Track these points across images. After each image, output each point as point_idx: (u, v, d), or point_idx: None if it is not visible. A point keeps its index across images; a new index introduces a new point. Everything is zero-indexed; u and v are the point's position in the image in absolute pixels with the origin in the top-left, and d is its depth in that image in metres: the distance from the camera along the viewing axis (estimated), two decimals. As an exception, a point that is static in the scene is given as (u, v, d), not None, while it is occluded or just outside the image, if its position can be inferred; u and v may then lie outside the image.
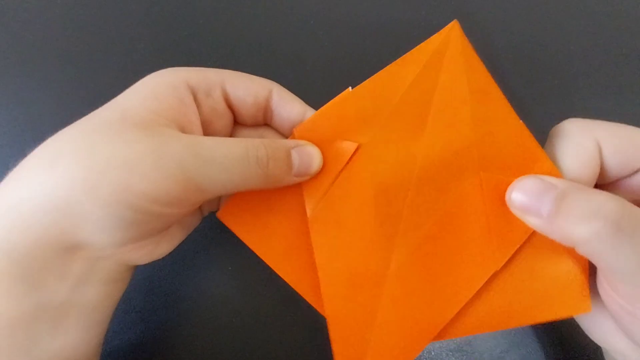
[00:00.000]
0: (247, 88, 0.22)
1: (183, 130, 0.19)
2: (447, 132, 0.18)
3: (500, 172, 0.18)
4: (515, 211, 0.17)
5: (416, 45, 0.32)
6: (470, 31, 0.36)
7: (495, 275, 0.18)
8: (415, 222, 0.18)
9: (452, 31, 0.20)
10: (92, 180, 0.15)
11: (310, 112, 0.23)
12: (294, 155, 0.19)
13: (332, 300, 0.18)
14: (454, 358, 0.28)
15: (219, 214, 0.21)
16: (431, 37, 0.19)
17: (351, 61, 0.34)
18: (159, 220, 0.18)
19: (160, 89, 0.19)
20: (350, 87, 0.20)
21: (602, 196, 0.16)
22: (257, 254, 0.20)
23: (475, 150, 0.18)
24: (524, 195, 0.17)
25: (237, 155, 0.17)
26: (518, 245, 0.17)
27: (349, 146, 0.19)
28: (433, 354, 0.28)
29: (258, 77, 0.23)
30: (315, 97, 0.33)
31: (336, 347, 0.18)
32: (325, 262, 0.19)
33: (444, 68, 0.19)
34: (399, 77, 0.19)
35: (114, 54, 0.34)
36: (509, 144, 0.19)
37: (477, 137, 0.18)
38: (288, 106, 0.22)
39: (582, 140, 0.18)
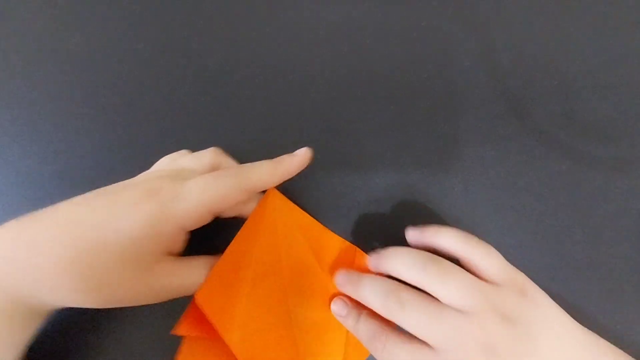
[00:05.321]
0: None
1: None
2: (297, 262, 0.26)
3: (333, 271, 0.27)
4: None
5: (417, 46, 0.33)
6: (471, 31, 0.37)
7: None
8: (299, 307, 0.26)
9: (273, 195, 0.26)
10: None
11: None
12: None
13: None
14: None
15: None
16: (259, 203, 0.26)
17: (352, 62, 0.34)
18: None
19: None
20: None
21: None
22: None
23: (316, 261, 0.27)
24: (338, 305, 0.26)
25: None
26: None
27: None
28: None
29: None
30: (314, 97, 0.33)
31: None
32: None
33: (278, 221, 0.26)
34: (249, 238, 0.25)
35: (114, 54, 0.34)
36: (334, 252, 0.28)
37: (318, 258, 0.27)
38: None
39: None
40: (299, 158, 0.26)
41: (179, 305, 0.24)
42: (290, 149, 0.26)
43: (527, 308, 0.23)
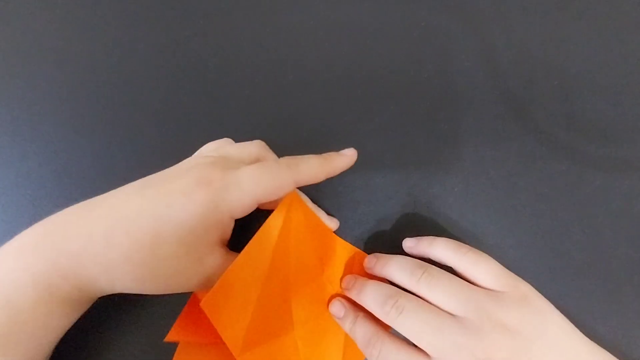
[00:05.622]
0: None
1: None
2: (303, 265, 0.26)
3: (336, 275, 0.28)
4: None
5: (417, 46, 0.33)
6: (471, 31, 0.37)
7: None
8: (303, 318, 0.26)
9: (294, 198, 0.25)
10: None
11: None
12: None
13: None
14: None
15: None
16: (279, 206, 0.24)
17: (352, 62, 0.34)
18: None
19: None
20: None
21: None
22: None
23: (320, 264, 0.27)
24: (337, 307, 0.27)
25: None
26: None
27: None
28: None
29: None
30: (314, 97, 0.33)
31: None
32: None
33: (293, 225, 0.25)
34: (267, 239, 0.24)
35: (114, 54, 0.34)
36: (336, 255, 0.28)
37: (322, 262, 0.27)
38: None
39: None
40: (347, 158, 0.26)
41: (179, 307, 0.24)
42: (290, 148, 0.26)
43: (527, 316, 0.23)
